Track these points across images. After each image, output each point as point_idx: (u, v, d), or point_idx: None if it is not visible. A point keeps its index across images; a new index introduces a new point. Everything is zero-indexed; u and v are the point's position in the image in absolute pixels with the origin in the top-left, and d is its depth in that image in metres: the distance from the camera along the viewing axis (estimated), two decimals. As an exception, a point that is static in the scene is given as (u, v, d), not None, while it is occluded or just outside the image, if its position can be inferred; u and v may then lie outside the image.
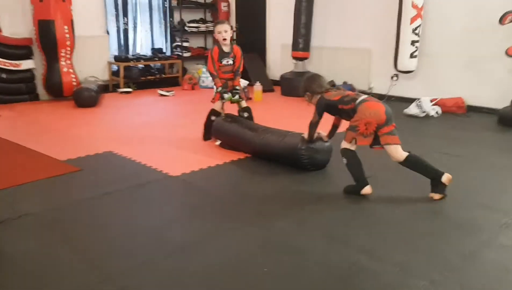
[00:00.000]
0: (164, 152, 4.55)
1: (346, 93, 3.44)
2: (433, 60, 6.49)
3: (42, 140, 4.91)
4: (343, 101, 3.39)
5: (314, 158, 3.92)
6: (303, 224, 2.93)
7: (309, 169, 3.92)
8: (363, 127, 3.23)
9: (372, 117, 3.20)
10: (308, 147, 3.87)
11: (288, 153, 3.98)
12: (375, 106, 3.26)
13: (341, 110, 3.42)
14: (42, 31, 6.75)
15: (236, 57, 4.73)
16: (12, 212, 3.09)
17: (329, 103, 3.46)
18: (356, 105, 3.29)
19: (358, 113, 3.26)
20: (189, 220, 3.05)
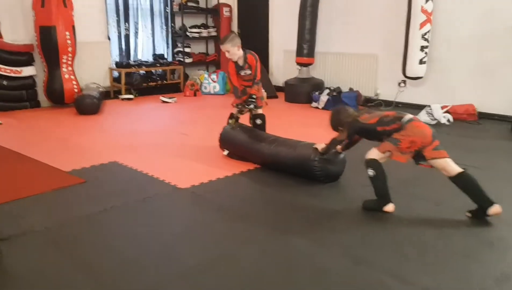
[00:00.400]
0: (170, 162, 4.42)
1: (385, 114, 3.26)
2: (442, 66, 6.38)
3: (45, 149, 4.78)
4: (382, 122, 3.20)
5: (328, 170, 3.79)
6: (322, 242, 2.80)
7: (322, 181, 3.79)
8: (406, 144, 3.06)
9: (418, 137, 3.05)
10: (322, 159, 3.74)
11: (300, 164, 3.85)
12: (422, 127, 3.11)
13: (381, 132, 3.20)
14: (44, 37, 6.63)
15: (252, 66, 4.55)
16: (17, 228, 2.95)
17: (364, 127, 3.30)
18: (403, 124, 3.10)
19: (404, 131, 3.08)
20: (202, 236, 2.91)
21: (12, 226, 2.97)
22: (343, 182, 3.85)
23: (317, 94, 7.08)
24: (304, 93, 7.42)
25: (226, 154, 4.56)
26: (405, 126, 3.09)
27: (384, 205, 3.19)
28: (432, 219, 3.12)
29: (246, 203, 3.46)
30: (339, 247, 2.72)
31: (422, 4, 5.91)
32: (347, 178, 3.88)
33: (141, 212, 3.27)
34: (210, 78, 8.41)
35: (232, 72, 4.58)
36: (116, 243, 2.80)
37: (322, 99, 6.89)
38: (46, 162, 4.32)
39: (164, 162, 4.42)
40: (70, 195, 3.56)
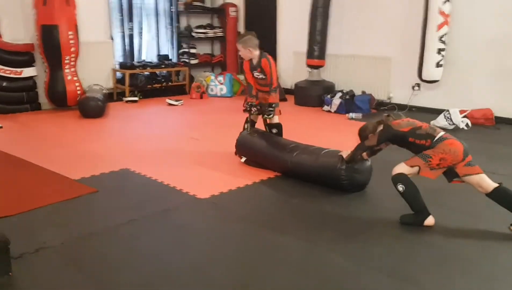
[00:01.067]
0: (185, 169, 4.20)
1: (418, 125, 3.08)
2: (459, 69, 6.19)
3: (50, 155, 4.53)
4: (415, 134, 3.04)
5: (354, 179, 3.58)
6: (358, 258, 2.59)
7: (348, 190, 3.59)
8: (436, 161, 2.93)
9: (449, 155, 2.91)
10: (348, 167, 3.53)
11: (326, 173, 3.64)
12: (455, 144, 2.94)
13: (411, 143, 3.06)
14: (45, 36, 6.36)
15: (265, 71, 4.32)
16: (29, 244, 2.72)
17: (397, 134, 3.10)
18: (434, 143, 2.96)
19: (435, 149, 2.94)
20: (232, 254, 2.68)
21: (24, 242, 2.73)
22: (369, 191, 3.65)
23: (329, 97, 6.87)
24: (315, 96, 7.20)
25: (244, 161, 4.34)
26: (436, 145, 2.95)
27: (424, 219, 3.00)
28: (471, 232, 2.94)
29: (271, 214, 3.24)
30: (378, 264, 2.52)
31: (440, 6, 5.73)
32: (373, 186, 3.68)
33: (162, 225, 3.04)
34: (217, 80, 8.17)
35: (247, 70, 4.42)
36: (137, 260, 2.58)
37: (335, 102, 6.68)
38: (53, 169, 4.08)
39: (178, 169, 4.19)
40: (83, 206, 3.33)
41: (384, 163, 3.89)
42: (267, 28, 8.60)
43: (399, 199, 3.34)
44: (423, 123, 3.12)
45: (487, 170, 3.04)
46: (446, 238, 2.85)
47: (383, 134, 3.18)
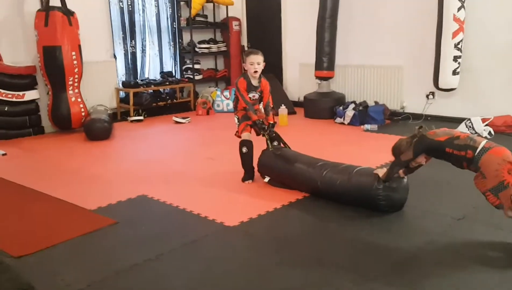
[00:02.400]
0: (206, 193, 3.97)
1: (456, 134, 2.86)
2: (475, 76, 6.02)
3: (61, 183, 4.30)
4: (452, 144, 2.82)
5: (392, 199, 3.36)
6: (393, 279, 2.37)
7: (385, 211, 3.37)
8: (510, 177, 2.62)
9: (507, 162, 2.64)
10: (385, 186, 3.31)
11: (361, 194, 3.42)
12: (502, 151, 2.70)
13: (449, 154, 2.84)
14: (48, 58, 6.16)
15: (264, 91, 4.22)
16: (53, 287, 2.49)
17: (432, 144, 2.90)
18: (477, 155, 2.71)
19: (488, 167, 2.67)
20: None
21: (48, 285, 2.49)
22: (408, 211, 3.43)
23: (341, 109, 6.68)
24: (326, 108, 7.02)
25: (267, 181, 4.13)
26: (481, 159, 2.69)
27: None
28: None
29: (310, 243, 3.01)
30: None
31: (455, 13, 5.58)
32: (411, 205, 3.47)
33: (192, 259, 2.81)
34: (222, 95, 7.98)
35: (243, 90, 4.17)
36: (175, 303, 2.35)
37: (348, 114, 6.49)
38: (66, 199, 3.85)
39: (199, 193, 3.97)
40: (105, 241, 3.09)
41: (419, 179, 3.72)
42: (271, 41, 8.45)
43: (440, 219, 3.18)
44: (461, 133, 2.89)
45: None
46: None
47: (418, 145, 2.98)
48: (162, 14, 8.26)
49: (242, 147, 4.20)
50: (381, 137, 5.77)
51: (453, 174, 3.46)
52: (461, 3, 5.52)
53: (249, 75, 4.18)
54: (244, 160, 4.23)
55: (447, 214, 3.31)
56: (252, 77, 4.18)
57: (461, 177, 3.40)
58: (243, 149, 4.19)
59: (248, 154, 4.20)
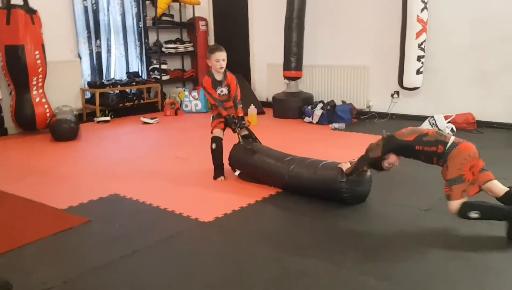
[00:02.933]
0: (178, 191, 3.97)
1: (424, 132, 2.99)
2: (438, 75, 6.23)
3: (29, 184, 4.19)
4: (421, 141, 2.93)
5: (356, 191, 3.49)
6: (391, 278, 2.44)
7: (349, 203, 3.48)
8: (469, 173, 2.80)
9: (473, 160, 2.81)
10: (349, 180, 3.42)
11: (326, 186, 3.53)
12: (469, 147, 2.85)
13: (420, 151, 2.96)
14: (10, 57, 5.98)
15: (231, 85, 4.29)
16: (28, 285, 2.44)
17: (401, 144, 3.02)
18: (447, 150, 2.84)
19: (454, 160, 2.81)
20: (250, 283, 2.46)
21: (23, 284, 2.44)
22: (378, 204, 3.53)
23: (310, 108, 6.78)
24: (294, 108, 7.10)
25: (237, 175, 4.19)
26: (451, 153, 2.83)
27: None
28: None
29: (284, 236, 3.06)
30: (413, 282, 2.38)
31: (418, 13, 5.76)
32: (381, 199, 3.58)
33: (169, 255, 2.81)
34: (191, 95, 7.95)
35: (209, 86, 4.21)
36: (154, 297, 2.35)
37: (316, 113, 6.59)
38: (35, 199, 3.77)
39: (173, 192, 3.96)
40: (79, 239, 3.05)
41: (387, 174, 3.84)
42: (239, 41, 8.48)
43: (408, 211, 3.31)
44: (429, 130, 3.02)
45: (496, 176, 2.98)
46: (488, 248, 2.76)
47: (387, 145, 3.08)
48: (127, 14, 8.14)
49: (212, 144, 4.24)
50: (349, 135, 5.91)
51: (418, 169, 3.59)
52: (424, 4, 5.71)
53: (213, 72, 4.22)
54: (214, 156, 4.26)
55: (415, 205, 3.42)
56: (217, 73, 4.22)
57: (426, 172, 3.54)
58: (212, 146, 4.24)
59: (217, 151, 4.24)
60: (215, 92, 4.23)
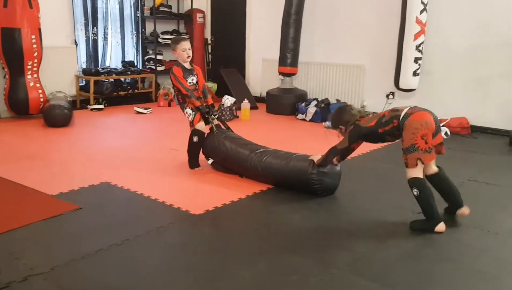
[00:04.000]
0: (169, 182, 3.97)
1: (381, 114, 3.13)
2: (434, 78, 6.26)
3: (20, 169, 4.17)
4: (381, 123, 3.07)
5: (325, 183, 3.60)
6: (380, 277, 2.46)
7: (319, 194, 3.59)
8: (422, 142, 2.89)
9: (425, 128, 2.88)
10: (319, 171, 3.54)
11: (297, 178, 3.64)
12: (423, 116, 2.92)
13: (382, 133, 3.09)
14: (6, 40, 5.94)
15: (199, 75, 4.35)
16: (15, 270, 2.42)
17: (366, 131, 3.14)
18: (401, 121, 2.96)
19: (407, 130, 2.91)
20: (241, 278, 2.45)
21: (9, 269, 2.43)
22: (364, 203, 3.55)
23: (304, 105, 6.79)
24: (288, 104, 7.11)
25: (211, 163, 4.27)
26: (405, 124, 2.94)
27: (435, 225, 2.98)
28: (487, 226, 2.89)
29: (275, 232, 3.05)
30: (402, 280, 2.40)
31: (417, 15, 5.76)
32: (367, 197, 3.65)
33: (158, 245, 2.81)
34: (185, 87, 7.92)
35: (181, 76, 4.22)
36: (137, 285, 2.34)
37: (310, 110, 6.60)
38: (24, 183, 3.75)
39: (163, 182, 3.96)
40: (69, 225, 3.04)
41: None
42: (235, 35, 8.48)
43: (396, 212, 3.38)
44: (386, 111, 3.14)
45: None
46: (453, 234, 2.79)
47: (354, 134, 3.19)
48: (125, 2, 8.11)
49: (194, 136, 4.27)
50: None
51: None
52: (423, 5, 5.72)
53: (181, 62, 4.25)
54: (192, 149, 4.31)
55: (408, 207, 3.43)
56: (185, 63, 4.26)
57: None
58: (194, 138, 4.27)
59: (197, 144, 4.29)
60: (186, 82, 4.24)
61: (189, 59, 4.26)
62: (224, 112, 6.54)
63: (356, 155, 4.73)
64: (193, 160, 4.33)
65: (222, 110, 6.55)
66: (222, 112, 6.53)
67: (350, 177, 3.99)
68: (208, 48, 8.95)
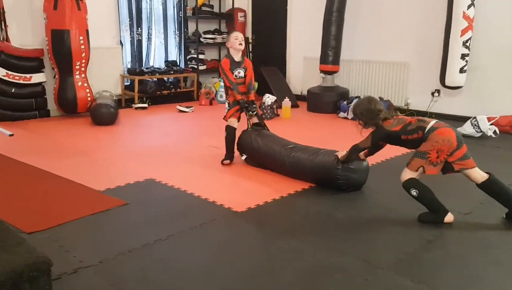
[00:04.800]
0: (211, 179, 4.02)
1: (408, 121, 3.12)
2: (483, 75, 6.06)
3: (69, 165, 4.32)
4: (406, 130, 3.08)
5: (351, 179, 3.61)
6: (430, 284, 2.41)
7: (344, 190, 3.62)
8: (435, 155, 2.97)
9: (443, 145, 2.94)
10: (345, 167, 3.56)
11: (322, 173, 3.69)
12: (446, 133, 2.97)
13: (405, 140, 3.11)
14: (56, 41, 6.16)
15: (248, 69, 4.40)
16: (66, 263, 2.51)
17: (388, 134, 3.15)
18: (426, 134, 3.00)
19: (428, 141, 2.98)
20: (285, 276, 2.44)
21: (61, 261, 2.51)
22: (411, 203, 3.46)
23: (345, 103, 6.72)
24: (329, 103, 7.06)
25: (244, 159, 4.39)
26: (429, 137, 2.98)
27: (443, 217, 3.06)
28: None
29: (319, 231, 3.03)
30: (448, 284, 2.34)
31: (464, 10, 5.61)
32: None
33: (202, 242, 2.85)
34: (226, 86, 8.00)
35: (227, 68, 4.30)
36: (182, 281, 2.38)
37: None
38: (73, 179, 3.88)
39: (205, 179, 4.01)
40: (116, 220, 3.12)
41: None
42: (276, 33, 8.48)
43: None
44: (412, 118, 3.13)
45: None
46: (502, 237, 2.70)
47: (376, 135, 3.22)
48: (168, 3, 8.26)
49: (225, 131, 4.43)
50: None
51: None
52: (471, 0, 5.55)
53: (232, 52, 4.33)
54: (226, 143, 4.44)
55: (455, 209, 3.34)
56: (236, 53, 4.33)
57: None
58: (225, 133, 4.42)
59: (228, 139, 4.40)
60: (232, 74, 4.31)
61: (241, 47, 4.33)
62: (265, 110, 6.56)
63: (400, 154, 4.65)
64: (227, 154, 4.43)
65: (263, 108, 6.57)
66: (263, 110, 6.55)
67: (396, 176, 3.90)
68: (249, 47, 8.99)
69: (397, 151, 4.69)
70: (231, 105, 4.41)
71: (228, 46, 4.42)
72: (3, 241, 2.15)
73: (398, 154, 4.78)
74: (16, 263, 1.98)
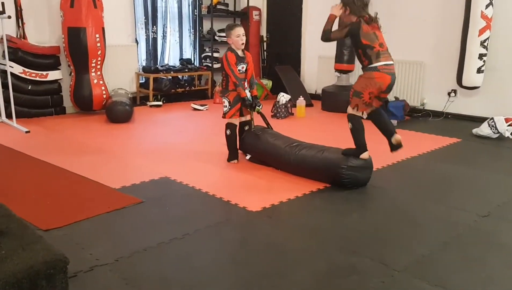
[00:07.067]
0: (225, 178, 4.03)
1: (375, 44, 3.48)
2: (500, 75, 5.97)
3: (84, 162, 4.36)
4: (365, 50, 3.47)
5: (355, 177, 3.67)
6: (448, 287, 2.38)
7: (349, 187, 3.69)
8: (367, 96, 3.52)
9: (374, 88, 3.47)
10: (349, 166, 3.64)
11: (327, 170, 3.73)
12: (382, 79, 3.43)
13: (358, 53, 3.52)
14: (72, 39, 6.21)
15: (249, 63, 4.37)
16: (82, 260, 2.53)
17: (357, 38, 3.50)
18: (368, 67, 3.46)
19: (364, 79, 3.48)
20: (301, 277, 2.44)
21: (76, 259, 2.53)
22: (427, 204, 3.44)
23: (361, 103, 6.66)
24: (344, 102, 6.92)
25: (248, 159, 4.40)
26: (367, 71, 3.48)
27: (361, 153, 3.63)
28: None
29: (333, 231, 3.02)
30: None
31: (482, 9, 5.53)
32: (431, 199, 3.50)
33: (218, 241, 2.85)
34: (241, 84, 7.99)
35: (233, 62, 4.24)
36: (197, 280, 2.38)
37: (367, 108, 6.47)
38: (90, 177, 3.91)
39: (220, 178, 4.03)
40: (131, 218, 3.14)
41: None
42: (291, 32, 8.45)
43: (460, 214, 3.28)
44: (381, 47, 3.53)
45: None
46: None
47: (350, 29, 3.58)
48: (183, 1, 8.27)
49: (227, 130, 4.40)
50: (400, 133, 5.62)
51: (478, 173, 3.45)
52: (489, 0, 5.47)
53: (235, 48, 4.27)
54: (228, 142, 4.43)
55: (473, 210, 3.31)
56: (238, 49, 4.28)
57: (486, 176, 3.39)
58: (227, 132, 4.39)
59: (231, 137, 4.38)
60: (236, 69, 4.24)
61: (243, 46, 4.29)
62: (279, 109, 6.55)
63: (417, 155, 4.61)
64: (230, 153, 4.43)
65: (277, 107, 6.56)
66: (278, 109, 6.54)
67: (412, 177, 3.90)
68: (263, 46, 8.97)
69: (412, 152, 4.68)
70: (232, 104, 4.31)
71: (229, 42, 4.31)
72: (21, 238, 2.17)
73: (414, 154, 4.75)
74: (34, 260, 2.00)
